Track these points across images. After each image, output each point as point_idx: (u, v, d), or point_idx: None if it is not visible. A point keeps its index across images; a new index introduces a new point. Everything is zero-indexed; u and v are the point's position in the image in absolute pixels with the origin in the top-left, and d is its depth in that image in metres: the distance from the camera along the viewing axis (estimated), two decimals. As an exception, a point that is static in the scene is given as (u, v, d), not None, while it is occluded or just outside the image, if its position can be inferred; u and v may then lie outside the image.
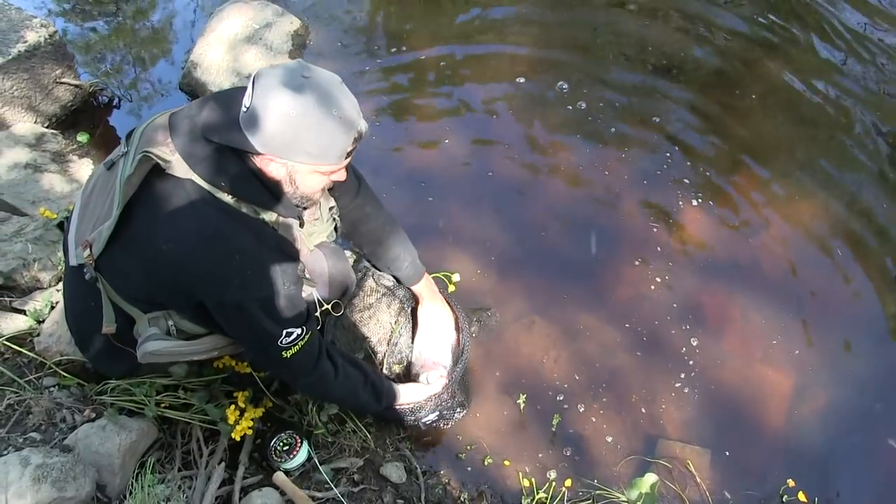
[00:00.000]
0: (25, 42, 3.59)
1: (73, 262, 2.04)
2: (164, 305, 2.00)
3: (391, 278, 2.76)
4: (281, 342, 1.96)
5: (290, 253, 1.98)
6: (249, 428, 2.35)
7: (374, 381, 2.32)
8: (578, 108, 3.98)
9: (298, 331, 1.98)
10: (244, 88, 1.77)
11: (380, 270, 2.75)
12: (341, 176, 1.95)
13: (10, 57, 3.52)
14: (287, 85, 1.69)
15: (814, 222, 3.51)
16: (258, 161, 1.81)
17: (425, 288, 2.74)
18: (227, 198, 1.82)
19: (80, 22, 4.71)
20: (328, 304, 2.47)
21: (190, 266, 1.83)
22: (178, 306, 1.99)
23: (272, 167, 1.81)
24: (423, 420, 2.57)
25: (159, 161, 1.77)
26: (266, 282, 1.88)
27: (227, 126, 1.78)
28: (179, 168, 1.79)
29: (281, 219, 1.96)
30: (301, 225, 2.11)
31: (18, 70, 3.57)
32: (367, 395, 2.30)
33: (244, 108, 1.74)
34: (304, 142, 1.74)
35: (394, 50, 4.36)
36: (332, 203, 2.31)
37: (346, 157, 1.85)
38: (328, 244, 2.47)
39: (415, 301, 2.80)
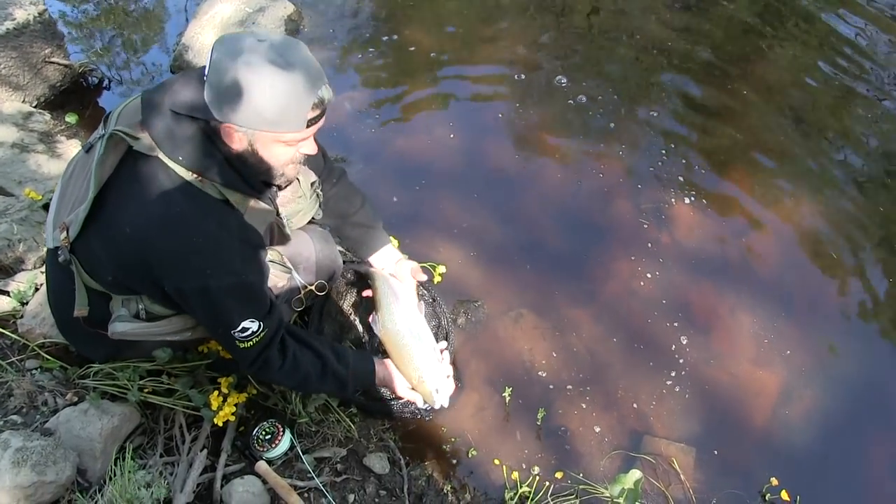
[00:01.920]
0: (14, 20, 3.54)
1: (49, 244, 2.03)
2: (134, 290, 1.97)
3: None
4: (235, 333, 1.92)
5: (253, 241, 1.93)
6: (232, 414, 2.34)
7: (335, 370, 2.19)
8: (578, 101, 3.97)
9: (255, 325, 1.94)
10: None
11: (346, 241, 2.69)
12: (310, 148, 1.87)
13: (-2, 34, 3.47)
14: (243, 50, 1.64)
15: (806, 223, 3.52)
16: (222, 133, 1.75)
17: (393, 252, 2.65)
18: (192, 177, 1.78)
19: (71, 1, 4.66)
20: (313, 286, 2.42)
21: (150, 249, 1.79)
22: (147, 290, 1.96)
23: (235, 138, 1.75)
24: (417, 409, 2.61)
25: (127, 139, 1.75)
26: (224, 269, 1.83)
27: (192, 98, 1.73)
28: (147, 146, 1.76)
29: (251, 203, 1.91)
30: (278, 212, 2.08)
31: (6, 48, 3.52)
32: (326, 384, 2.22)
33: (204, 77, 1.71)
34: (259, 106, 1.67)
35: (388, 38, 4.33)
36: (314, 178, 2.27)
37: (309, 126, 1.76)
38: (315, 227, 2.45)
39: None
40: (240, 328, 1.91)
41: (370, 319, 2.47)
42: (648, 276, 3.21)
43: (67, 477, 2.08)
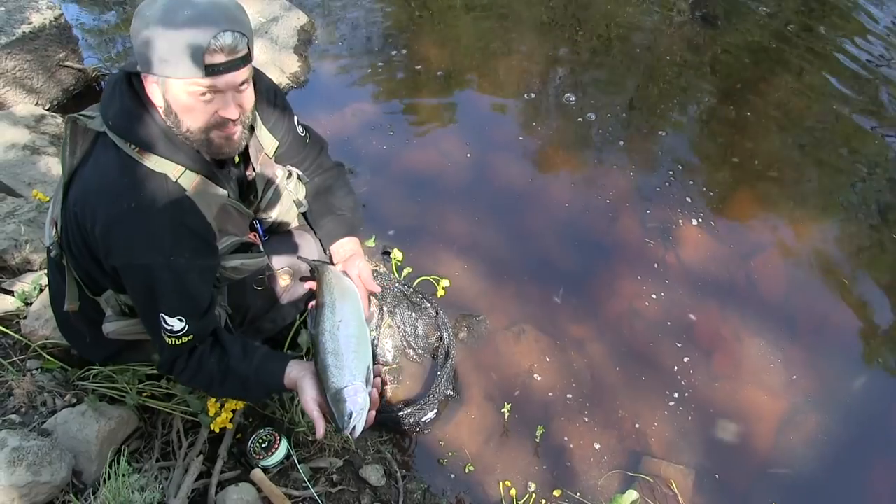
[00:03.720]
0: (30, 24, 3.58)
1: (46, 241, 2.04)
2: (97, 280, 1.93)
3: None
4: (160, 321, 1.81)
5: (189, 221, 1.80)
6: (230, 421, 2.33)
7: (237, 369, 1.93)
8: (587, 119, 3.97)
9: (180, 325, 1.82)
10: None
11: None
12: (223, 105, 1.69)
13: (14, 38, 3.52)
14: None
15: (816, 248, 3.50)
16: (146, 89, 1.70)
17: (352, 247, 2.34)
18: (132, 149, 1.72)
19: (86, 7, 4.71)
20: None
21: (84, 223, 1.75)
22: (102, 276, 1.89)
23: (151, 90, 1.69)
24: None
25: (80, 118, 1.75)
26: (150, 244, 1.74)
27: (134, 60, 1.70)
28: (99, 123, 1.75)
29: (197, 181, 1.81)
30: (234, 196, 1.97)
31: (22, 51, 3.56)
32: (226, 386, 1.96)
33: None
34: (156, 46, 1.58)
35: (398, 52, 4.36)
36: (292, 170, 2.21)
37: (210, 73, 1.61)
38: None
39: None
40: (161, 319, 1.80)
41: (308, 314, 2.09)
42: (653, 296, 3.20)
43: (62, 478, 2.08)
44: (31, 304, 2.65)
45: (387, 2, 4.81)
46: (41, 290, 2.70)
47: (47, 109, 3.76)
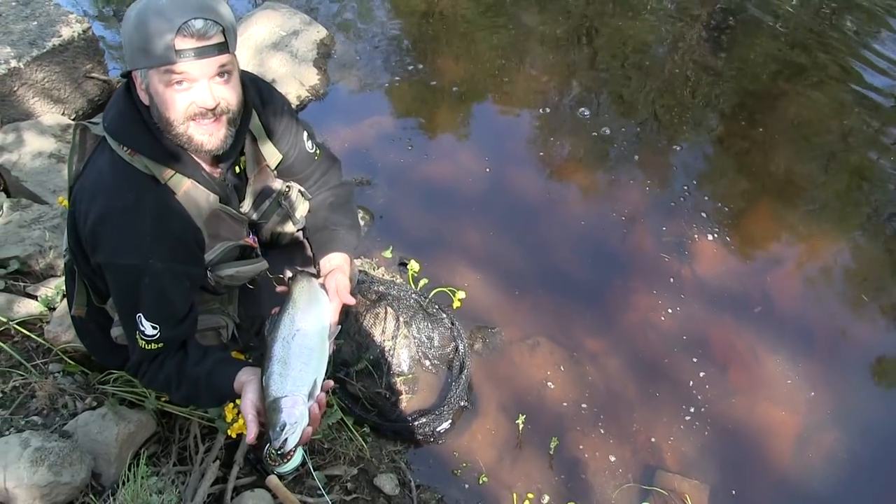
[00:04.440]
0: (60, 37, 3.67)
1: (62, 247, 2.07)
2: (99, 286, 1.96)
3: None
4: (132, 323, 1.81)
5: (172, 225, 1.79)
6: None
7: (190, 373, 1.90)
8: (602, 134, 3.99)
9: (153, 332, 1.81)
10: None
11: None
12: (200, 93, 1.68)
13: (45, 50, 3.60)
14: None
15: (831, 262, 3.49)
16: (136, 88, 1.73)
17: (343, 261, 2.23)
18: (123, 150, 1.75)
19: (113, 22, 4.80)
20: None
21: (79, 224, 1.79)
22: (99, 279, 1.90)
23: (137, 84, 1.71)
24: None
25: (88, 124, 1.80)
26: (130, 245, 1.74)
27: None
28: (101, 128, 1.80)
29: (187, 184, 1.81)
30: (223, 200, 1.93)
31: (51, 63, 3.64)
32: (181, 389, 1.92)
33: None
34: (133, 39, 1.62)
35: (415, 67, 4.41)
36: (292, 184, 2.18)
37: (182, 57, 1.61)
38: None
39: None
40: (137, 321, 1.80)
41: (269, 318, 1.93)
42: (669, 310, 3.20)
43: (82, 479, 2.11)
44: (54, 308, 2.70)
45: (404, 17, 4.87)
46: (64, 296, 2.74)
47: (73, 119, 3.83)
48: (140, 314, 1.80)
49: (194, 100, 1.68)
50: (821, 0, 5.15)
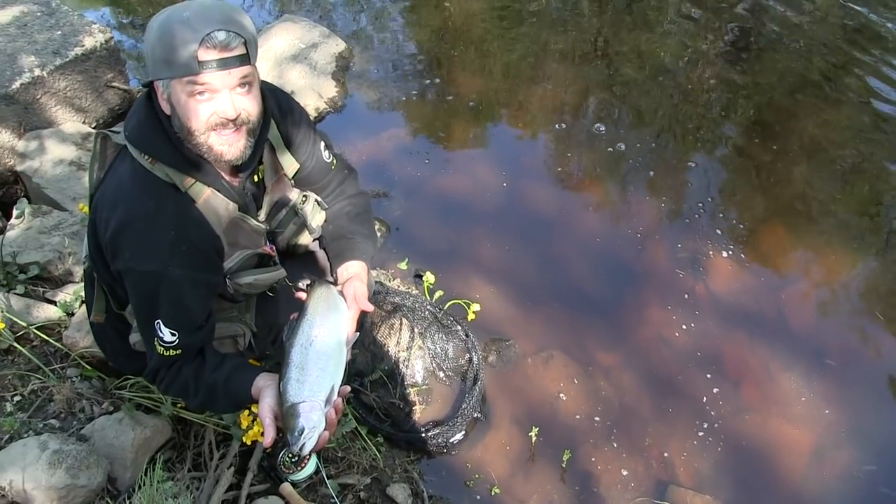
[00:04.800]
0: (83, 46, 3.71)
1: (82, 253, 2.11)
2: (118, 293, 1.98)
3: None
4: (150, 330, 1.84)
5: (193, 235, 1.82)
6: (261, 434, 2.36)
7: (208, 379, 1.92)
8: (617, 149, 4.01)
9: (172, 338, 1.83)
10: None
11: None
12: (220, 104, 1.70)
13: (68, 59, 3.64)
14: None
15: (846, 281, 3.48)
16: (158, 97, 1.76)
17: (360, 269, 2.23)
18: (145, 159, 1.77)
19: (134, 32, 4.87)
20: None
21: (100, 231, 1.82)
22: (118, 286, 1.93)
23: (159, 94, 1.74)
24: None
25: (109, 133, 1.83)
26: (148, 252, 1.77)
27: None
28: (122, 137, 1.82)
29: (207, 193, 1.84)
30: (242, 209, 1.95)
31: (74, 72, 3.69)
32: (199, 395, 1.95)
33: None
34: (156, 50, 1.65)
35: (433, 80, 4.44)
36: (309, 194, 2.19)
37: (205, 69, 1.64)
38: None
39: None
40: (157, 328, 1.83)
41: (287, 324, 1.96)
42: (683, 326, 3.20)
43: (98, 483, 2.13)
44: (72, 314, 2.73)
45: (421, 31, 4.91)
46: (83, 302, 2.77)
47: (93, 128, 3.88)
48: (159, 320, 1.83)
49: (216, 110, 1.71)
50: (841, 18, 5.14)
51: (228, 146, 1.77)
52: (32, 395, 2.44)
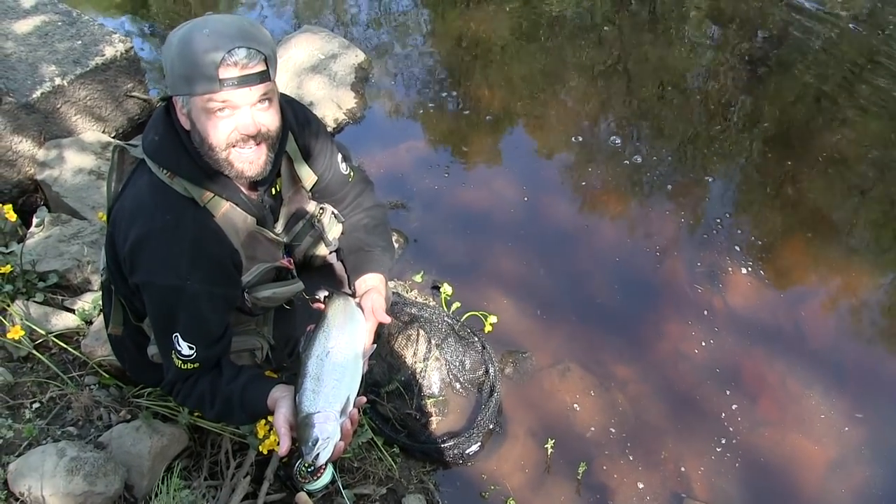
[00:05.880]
0: (103, 56, 3.75)
1: (100, 266, 2.12)
2: (137, 306, 1.99)
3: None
4: (168, 343, 1.85)
5: (212, 249, 1.83)
6: (277, 443, 2.36)
7: (224, 391, 1.91)
8: (634, 162, 4.00)
9: (190, 351, 1.84)
10: None
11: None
12: (240, 121, 1.71)
13: (88, 68, 3.68)
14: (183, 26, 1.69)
15: (866, 297, 3.45)
16: (177, 112, 1.77)
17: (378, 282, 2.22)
18: (163, 173, 1.78)
19: (154, 42, 4.91)
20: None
21: (118, 245, 1.83)
22: (136, 298, 1.93)
23: (178, 109, 1.75)
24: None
25: (126, 146, 1.85)
26: (167, 266, 1.78)
27: None
28: (140, 150, 1.84)
29: (225, 207, 1.85)
30: (260, 222, 1.96)
31: (94, 81, 3.72)
32: (215, 407, 1.94)
33: None
34: (176, 66, 1.65)
35: (451, 92, 4.45)
36: (326, 206, 2.22)
37: (225, 86, 1.64)
38: None
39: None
40: (175, 341, 1.83)
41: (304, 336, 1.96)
42: (702, 342, 3.18)
43: (115, 490, 2.13)
44: (91, 322, 2.75)
45: (441, 43, 4.93)
46: (101, 311, 2.79)
47: (113, 137, 3.91)
48: (177, 334, 1.83)
49: (237, 126, 1.71)
50: (863, 32, 5.12)
51: (249, 164, 1.78)
52: (51, 403, 2.45)
